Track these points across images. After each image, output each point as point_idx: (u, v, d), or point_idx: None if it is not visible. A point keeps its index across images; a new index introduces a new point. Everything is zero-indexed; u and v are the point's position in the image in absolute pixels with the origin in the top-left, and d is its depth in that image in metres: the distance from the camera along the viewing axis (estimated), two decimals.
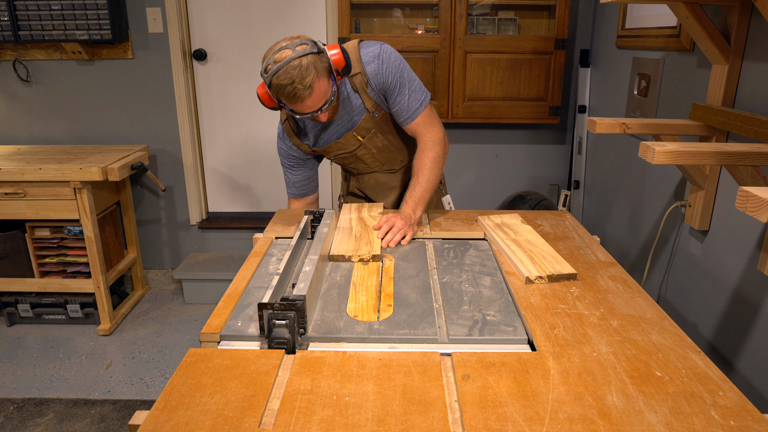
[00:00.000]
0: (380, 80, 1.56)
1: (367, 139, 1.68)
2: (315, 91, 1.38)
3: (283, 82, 1.35)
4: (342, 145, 1.69)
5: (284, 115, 1.68)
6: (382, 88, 1.58)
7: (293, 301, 1.00)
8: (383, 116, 1.65)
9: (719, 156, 1.23)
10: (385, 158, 1.78)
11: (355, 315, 1.12)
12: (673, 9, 1.54)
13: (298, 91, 1.36)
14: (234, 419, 0.81)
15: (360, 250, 1.40)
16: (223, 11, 2.86)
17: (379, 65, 1.54)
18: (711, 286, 1.66)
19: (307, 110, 1.43)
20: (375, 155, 1.75)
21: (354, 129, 1.64)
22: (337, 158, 1.77)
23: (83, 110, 2.96)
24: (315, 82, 1.37)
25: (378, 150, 1.73)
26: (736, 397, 0.86)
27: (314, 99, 1.40)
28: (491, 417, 0.81)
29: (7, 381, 2.35)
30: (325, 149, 1.71)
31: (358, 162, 1.78)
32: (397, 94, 1.58)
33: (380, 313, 1.13)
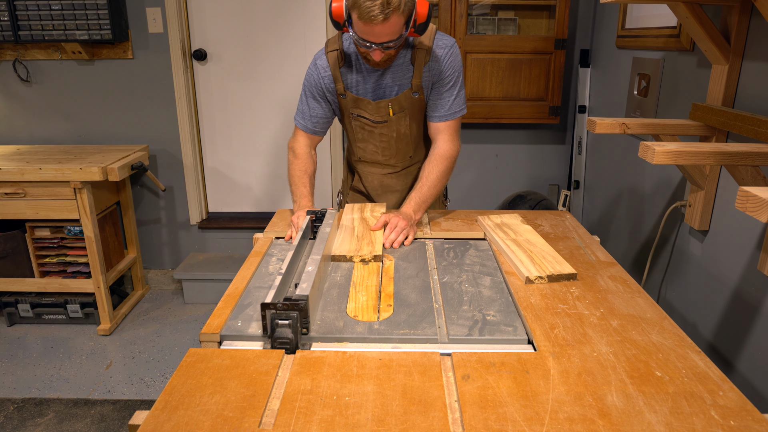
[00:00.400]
0: (440, 67, 1.58)
1: (395, 117, 1.66)
2: (391, 22, 1.35)
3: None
4: (372, 108, 1.64)
5: (335, 44, 1.61)
6: (437, 75, 1.59)
7: (296, 301, 1.00)
8: (419, 102, 1.64)
9: (719, 156, 1.23)
10: (397, 149, 1.75)
11: (355, 315, 1.12)
12: (673, 9, 1.54)
13: (375, 10, 1.31)
14: (234, 419, 0.81)
15: (361, 250, 1.40)
16: (223, 11, 2.86)
17: (447, 53, 1.58)
18: (711, 286, 1.66)
19: (373, 38, 1.38)
20: (391, 141, 1.72)
21: (390, 99, 1.62)
22: (357, 123, 1.71)
23: (83, 110, 2.96)
24: (395, 13, 1.33)
25: (397, 136, 1.71)
26: (736, 397, 0.86)
27: (386, 28, 1.36)
28: (491, 417, 0.81)
29: (7, 381, 2.35)
30: (355, 101, 1.65)
31: (370, 141, 1.74)
32: (447, 89, 1.61)
33: (380, 313, 1.13)
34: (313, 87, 1.66)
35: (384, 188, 1.85)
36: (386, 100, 1.63)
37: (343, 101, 1.68)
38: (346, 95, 1.65)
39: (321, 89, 1.66)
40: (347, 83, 1.64)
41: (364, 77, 1.62)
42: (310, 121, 1.70)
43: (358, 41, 1.43)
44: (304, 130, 1.72)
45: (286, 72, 2.94)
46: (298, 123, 1.72)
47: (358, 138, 1.77)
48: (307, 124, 1.71)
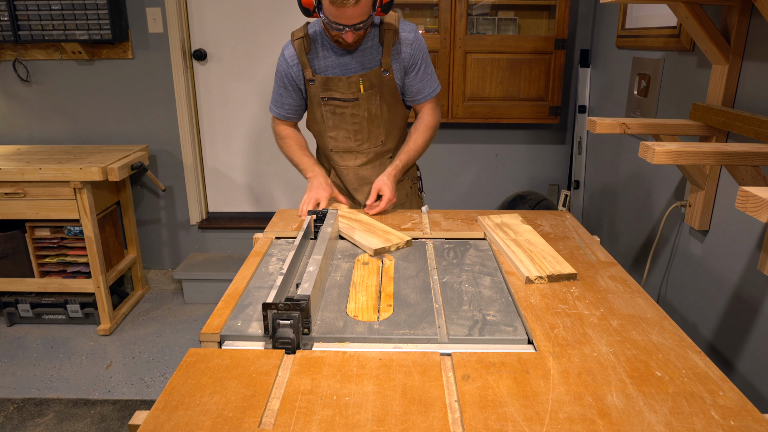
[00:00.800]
0: (410, 51, 1.68)
1: (366, 94, 1.71)
2: (361, 4, 1.43)
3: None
4: (343, 85, 1.69)
5: (301, 32, 1.69)
6: (408, 59, 1.69)
7: (298, 302, 1.00)
8: (389, 81, 1.71)
9: (719, 156, 1.23)
10: (369, 132, 1.78)
11: (355, 315, 1.12)
12: (673, 9, 1.54)
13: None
14: (234, 419, 0.81)
15: (390, 240, 1.46)
16: (223, 11, 2.86)
17: (415, 38, 1.69)
18: (711, 286, 1.66)
19: (344, 20, 1.46)
20: (363, 122, 1.76)
21: (361, 74, 1.68)
22: (327, 108, 1.75)
23: (83, 110, 2.96)
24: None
25: (369, 116, 1.75)
26: (736, 397, 0.86)
27: (357, 11, 1.44)
28: (491, 417, 0.81)
29: (7, 381, 2.35)
30: (325, 81, 1.70)
31: (341, 127, 1.77)
32: (421, 72, 1.72)
33: (380, 313, 1.13)
34: (284, 76, 1.73)
35: (360, 181, 1.87)
36: (357, 74, 1.68)
37: (312, 88, 1.72)
38: (315, 80, 1.70)
39: (291, 78, 1.72)
40: (315, 68, 1.70)
41: (333, 59, 1.68)
42: (283, 109, 1.80)
43: (330, 25, 1.50)
44: (281, 118, 1.82)
45: None
46: (273, 112, 1.82)
47: (329, 126, 1.80)
48: (281, 112, 1.80)
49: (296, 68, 1.70)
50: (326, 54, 1.68)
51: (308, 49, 1.68)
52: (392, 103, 1.77)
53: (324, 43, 1.68)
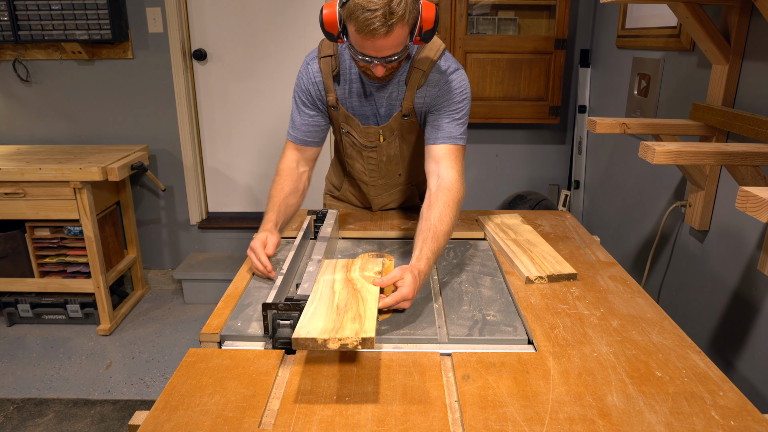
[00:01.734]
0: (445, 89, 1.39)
1: (385, 143, 1.52)
2: (394, 35, 1.16)
3: (366, 5, 1.12)
4: (362, 131, 1.50)
5: (330, 49, 1.44)
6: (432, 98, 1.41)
7: (297, 302, 1.00)
8: (410, 124, 1.49)
9: (719, 156, 1.23)
10: (386, 170, 1.62)
11: None
12: (673, 9, 1.54)
13: (377, 23, 1.13)
14: (234, 419, 0.81)
15: (344, 328, 0.90)
16: (223, 11, 2.86)
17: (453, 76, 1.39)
18: (711, 286, 1.66)
19: (374, 52, 1.20)
20: (380, 164, 1.59)
21: (381, 126, 1.48)
22: (347, 139, 1.56)
23: (83, 110, 2.95)
24: (399, 24, 1.15)
25: (387, 159, 1.57)
26: (736, 397, 0.86)
27: (389, 42, 1.18)
28: (491, 417, 0.81)
29: (7, 381, 2.35)
30: (346, 117, 1.49)
31: (358, 160, 1.61)
32: (449, 112, 1.40)
33: (380, 313, 1.12)
34: (303, 92, 1.48)
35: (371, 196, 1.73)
36: (375, 127, 1.48)
37: (334, 113, 1.50)
38: (338, 108, 1.47)
39: (311, 96, 1.47)
40: (339, 95, 1.47)
41: (357, 95, 1.46)
42: (300, 132, 1.49)
43: (356, 56, 1.24)
44: (295, 141, 1.50)
45: (286, 72, 2.94)
46: (290, 136, 1.52)
47: (347, 154, 1.62)
48: (297, 134, 1.50)
49: (319, 86, 1.46)
50: (351, 85, 1.44)
51: (335, 71, 1.43)
52: (412, 141, 1.56)
53: (351, 70, 1.43)
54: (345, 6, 1.16)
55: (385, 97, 1.44)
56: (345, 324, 0.91)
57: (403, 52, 1.23)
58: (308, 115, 1.49)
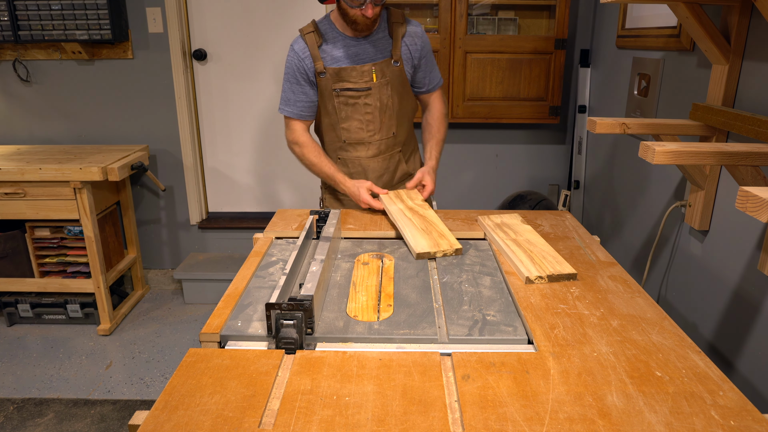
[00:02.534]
0: (418, 44, 1.77)
1: (378, 84, 1.74)
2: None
3: None
4: (356, 75, 1.72)
5: (310, 27, 1.72)
6: (417, 50, 1.77)
7: (301, 302, 1.00)
8: (399, 72, 1.76)
9: (719, 156, 1.23)
10: (381, 123, 1.80)
11: (355, 315, 1.12)
12: (673, 9, 1.54)
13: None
14: (234, 419, 0.81)
15: (440, 245, 1.40)
16: (223, 11, 2.86)
17: (422, 32, 1.79)
18: (711, 286, 1.66)
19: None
20: (375, 112, 1.78)
21: (374, 64, 1.72)
22: (339, 100, 1.76)
23: (83, 110, 2.96)
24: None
25: (380, 106, 1.78)
26: (736, 397, 0.86)
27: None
28: (491, 417, 0.81)
29: (7, 381, 2.35)
30: (337, 72, 1.72)
31: (354, 117, 1.78)
32: (428, 63, 1.82)
33: (380, 313, 1.13)
34: (296, 72, 1.73)
35: (369, 171, 1.87)
36: (369, 63, 1.72)
37: (323, 81, 1.73)
38: (326, 72, 1.71)
39: (303, 72, 1.72)
40: (326, 61, 1.72)
41: (344, 51, 1.72)
42: (297, 105, 1.76)
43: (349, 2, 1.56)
44: (295, 117, 1.78)
45: None
46: (285, 112, 1.78)
47: (341, 117, 1.80)
48: (295, 110, 1.77)
49: (308, 61, 1.71)
50: (337, 46, 1.72)
51: (320, 43, 1.71)
52: (402, 94, 1.81)
53: (335, 35, 1.72)
54: None
55: (376, 49, 1.73)
56: (438, 240, 1.41)
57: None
58: (302, 92, 1.75)
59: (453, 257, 1.41)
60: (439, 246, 1.40)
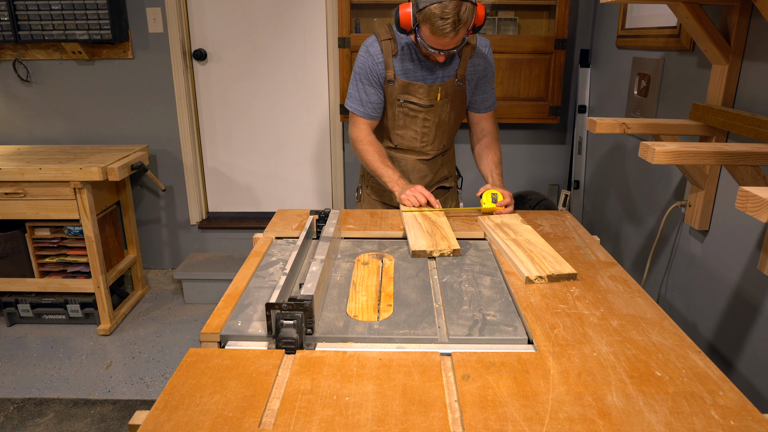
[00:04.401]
0: (483, 63, 1.80)
1: (441, 102, 1.80)
2: (458, 36, 1.52)
3: (440, 14, 1.46)
4: (423, 92, 1.77)
5: (388, 34, 1.75)
6: (480, 71, 1.81)
7: (301, 301, 1.00)
8: (461, 91, 1.81)
9: (719, 156, 1.23)
10: (435, 135, 1.87)
11: (355, 315, 1.12)
12: (673, 9, 1.54)
13: (447, 29, 1.48)
14: (234, 419, 0.81)
15: (438, 245, 1.42)
16: (223, 11, 2.86)
17: (488, 51, 1.82)
18: (711, 286, 1.66)
19: (440, 47, 1.55)
20: (432, 127, 1.84)
21: (440, 84, 1.76)
22: (401, 110, 1.81)
23: (83, 110, 2.96)
24: (463, 27, 1.51)
25: (438, 121, 1.84)
26: (736, 397, 0.86)
27: (454, 41, 1.54)
28: (491, 417, 0.81)
29: (7, 381, 2.35)
30: (405, 85, 1.76)
31: (411, 128, 1.84)
32: (488, 84, 1.85)
33: (380, 313, 1.13)
34: (369, 74, 1.76)
35: (415, 171, 1.93)
36: (437, 84, 1.76)
37: (390, 88, 1.78)
38: (395, 81, 1.76)
39: (376, 75, 1.76)
40: (397, 71, 1.76)
41: (415, 66, 1.76)
42: (369, 107, 1.80)
43: (425, 48, 1.58)
44: (365, 117, 1.81)
45: (286, 72, 2.94)
46: (356, 111, 1.81)
47: (398, 125, 1.85)
48: (367, 110, 1.80)
49: (381, 66, 1.75)
50: (409, 59, 1.75)
51: (395, 52, 1.74)
52: (459, 111, 1.88)
53: (410, 50, 1.75)
54: (421, 12, 1.50)
55: (444, 68, 1.76)
56: (438, 242, 1.44)
57: (461, 45, 1.58)
58: (374, 93, 1.79)
59: (453, 257, 1.41)
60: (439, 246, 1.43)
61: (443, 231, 1.51)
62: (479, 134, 1.91)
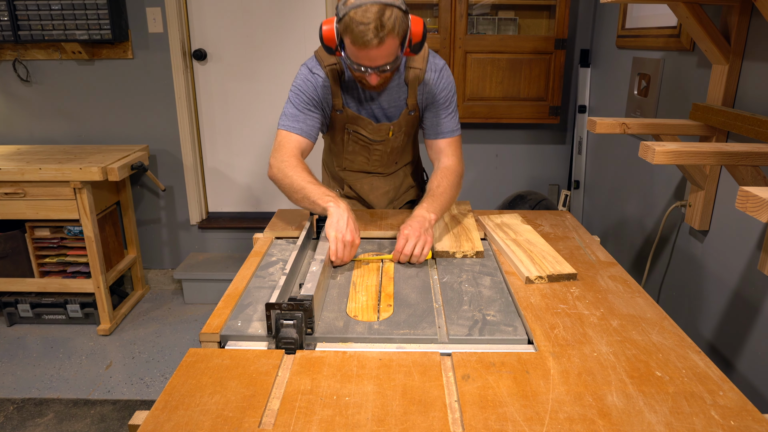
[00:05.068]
0: (433, 89, 1.56)
1: (393, 137, 1.65)
2: (386, 45, 1.28)
3: (360, 19, 1.24)
4: (372, 129, 1.60)
5: (333, 59, 1.52)
6: (430, 96, 1.57)
7: (301, 301, 1.00)
8: (414, 118, 1.63)
9: (719, 156, 1.23)
10: (388, 160, 1.74)
11: (355, 315, 1.12)
12: (673, 9, 1.54)
13: (369, 35, 1.25)
14: (234, 419, 0.81)
15: (462, 246, 1.41)
16: (223, 11, 2.86)
17: (440, 75, 1.56)
18: (711, 286, 1.66)
19: (366, 62, 1.32)
20: (384, 155, 1.71)
21: (393, 123, 1.60)
22: (351, 137, 1.64)
23: (83, 110, 2.96)
24: (390, 36, 1.27)
25: (391, 150, 1.70)
26: (736, 397, 0.86)
27: (380, 53, 1.29)
28: (491, 417, 0.81)
29: (7, 381, 2.35)
30: (354, 118, 1.58)
31: (361, 154, 1.70)
32: (441, 109, 1.58)
33: (380, 313, 1.13)
34: (310, 95, 1.53)
35: (372, 189, 1.83)
36: (388, 123, 1.60)
37: (338, 116, 1.60)
38: (343, 111, 1.58)
39: (318, 99, 1.54)
40: (345, 100, 1.57)
41: (361, 98, 1.57)
42: (298, 123, 1.53)
43: (352, 66, 1.36)
44: (299, 133, 1.52)
45: (286, 72, 2.94)
46: (291, 128, 1.52)
47: (347, 150, 1.71)
48: (296, 126, 1.52)
49: (326, 91, 1.54)
50: (355, 90, 1.56)
51: (341, 80, 1.54)
52: (412, 132, 1.73)
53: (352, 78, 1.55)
54: (341, 21, 1.29)
55: (387, 98, 1.57)
56: (462, 243, 1.43)
57: (394, 62, 1.35)
58: (311, 116, 1.55)
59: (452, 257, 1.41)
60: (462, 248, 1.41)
61: (469, 233, 1.50)
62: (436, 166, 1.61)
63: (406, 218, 1.43)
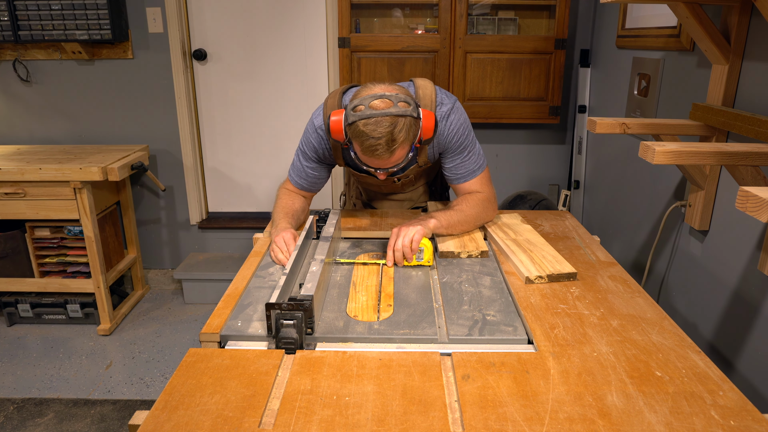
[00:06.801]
0: (443, 140, 1.47)
1: (402, 182, 1.70)
2: (396, 155, 1.26)
3: (370, 133, 1.20)
4: (379, 181, 1.67)
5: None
6: (442, 145, 1.49)
7: (301, 301, 1.00)
8: (426, 167, 1.65)
9: (719, 156, 1.23)
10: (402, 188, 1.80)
11: (355, 315, 1.12)
12: (673, 9, 1.54)
13: (380, 150, 1.22)
14: (234, 419, 0.81)
15: (467, 246, 1.43)
16: (223, 11, 2.86)
17: (447, 122, 1.45)
18: (711, 286, 1.66)
19: (374, 165, 1.30)
20: (397, 187, 1.77)
21: (399, 176, 1.63)
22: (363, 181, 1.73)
23: (83, 110, 2.95)
24: (399, 148, 1.24)
25: (403, 185, 1.75)
26: (736, 397, 0.86)
27: (391, 161, 1.28)
28: (491, 417, 0.81)
29: (7, 381, 2.35)
30: (359, 176, 1.67)
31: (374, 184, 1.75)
32: (456, 154, 1.50)
33: (380, 313, 1.13)
34: (309, 150, 1.54)
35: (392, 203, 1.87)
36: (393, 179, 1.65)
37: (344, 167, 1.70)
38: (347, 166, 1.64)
39: (317, 154, 1.54)
40: (347, 161, 1.56)
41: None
42: (305, 180, 1.58)
43: (360, 165, 1.33)
44: (298, 188, 1.59)
45: (286, 72, 2.94)
46: (292, 179, 1.60)
47: (362, 182, 1.80)
48: (303, 183, 1.58)
49: (329, 152, 1.53)
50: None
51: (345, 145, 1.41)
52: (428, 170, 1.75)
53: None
54: (351, 126, 1.24)
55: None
56: (467, 243, 1.44)
57: (404, 161, 1.31)
58: (312, 168, 1.57)
59: (452, 258, 1.41)
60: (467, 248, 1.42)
61: (472, 234, 1.51)
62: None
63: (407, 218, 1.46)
